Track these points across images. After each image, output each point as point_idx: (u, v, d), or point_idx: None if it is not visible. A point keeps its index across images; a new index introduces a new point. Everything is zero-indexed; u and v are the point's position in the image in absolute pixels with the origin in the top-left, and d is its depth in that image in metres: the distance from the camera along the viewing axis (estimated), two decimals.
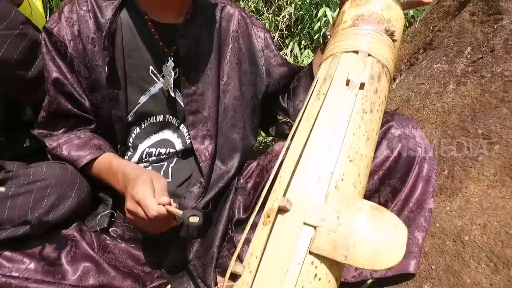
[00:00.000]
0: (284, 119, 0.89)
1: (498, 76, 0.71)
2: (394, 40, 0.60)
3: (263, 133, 1.45)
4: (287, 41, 1.90)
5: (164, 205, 0.60)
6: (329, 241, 0.41)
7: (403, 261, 0.60)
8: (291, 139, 0.51)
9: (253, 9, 1.93)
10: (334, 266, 0.43)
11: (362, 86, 0.52)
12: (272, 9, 1.96)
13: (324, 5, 1.77)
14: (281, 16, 1.92)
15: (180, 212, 0.60)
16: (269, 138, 1.54)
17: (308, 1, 1.85)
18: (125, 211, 0.65)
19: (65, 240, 0.71)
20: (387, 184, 0.63)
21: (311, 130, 0.50)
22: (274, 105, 0.92)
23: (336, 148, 0.48)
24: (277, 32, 1.89)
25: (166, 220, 0.62)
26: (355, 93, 0.51)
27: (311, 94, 0.55)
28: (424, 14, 1.11)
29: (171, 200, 0.62)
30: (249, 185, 0.80)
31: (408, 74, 0.93)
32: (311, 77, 0.85)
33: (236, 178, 0.84)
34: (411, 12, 1.63)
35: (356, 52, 0.56)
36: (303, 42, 1.81)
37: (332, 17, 1.65)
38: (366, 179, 0.49)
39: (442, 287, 0.71)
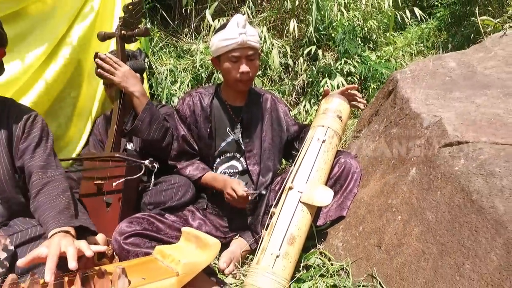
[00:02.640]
0: (295, 154, 1.65)
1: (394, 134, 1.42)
2: (341, 120, 1.36)
3: (284, 161, 2.19)
4: (301, 99, 2.69)
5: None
6: (307, 197, 1.15)
7: (342, 211, 1.32)
8: (294, 165, 1.27)
9: (277, 77, 2.74)
10: (309, 207, 1.16)
11: (324, 141, 1.27)
12: (290, 76, 2.77)
13: (326, 76, 2.57)
14: (296, 81, 2.72)
15: (251, 192, 1.35)
16: (287, 164, 2.29)
17: (315, 71, 2.66)
18: (225, 196, 1.39)
19: (189, 211, 1.47)
20: (337, 183, 1.35)
21: (302, 159, 1.25)
22: (291, 146, 1.66)
23: (312, 165, 1.23)
24: (294, 93, 2.69)
25: (245, 198, 1.36)
26: (320, 144, 1.27)
27: (303, 144, 1.31)
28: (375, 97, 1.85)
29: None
30: (276, 188, 1.54)
31: (366, 128, 1.67)
32: None
33: (270, 185, 1.58)
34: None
35: (323, 126, 1.32)
36: (312, 100, 2.60)
37: (332, 84, 2.44)
38: (326, 178, 1.24)
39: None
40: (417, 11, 3.01)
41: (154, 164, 1.38)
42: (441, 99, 1.32)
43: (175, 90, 2.33)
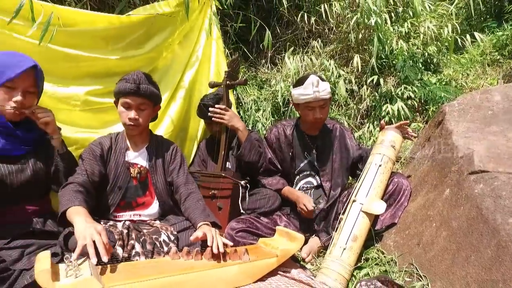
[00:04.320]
0: (359, 174, 2.08)
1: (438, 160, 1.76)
2: (395, 149, 1.76)
3: (350, 178, 2.61)
4: (365, 121, 3.07)
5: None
6: (367, 207, 1.58)
7: (394, 219, 1.71)
8: (357, 182, 1.71)
9: (343, 102, 3.16)
10: (368, 215, 1.59)
11: (380, 165, 1.69)
12: (355, 100, 3.17)
13: (387, 100, 2.92)
14: (361, 106, 3.11)
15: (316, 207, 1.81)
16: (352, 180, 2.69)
17: (378, 96, 3.02)
18: (297, 208, 1.87)
19: (277, 215, 1.97)
20: (391, 197, 1.74)
21: (363, 179, 1.69)
22: (355, 167, 2.09)
23: (371, 184, 1.65)
24: (359, 116, 3.08)
25: (311, 212, 1.83)
26: (377, 167, 1.69)
27: (365, 167, 1.74)
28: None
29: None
30: (344, 199, 1.97)
31: (420, 152, 2.04)
32: None
33: (339, 197, 2.03)
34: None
35: (379, 153, 1.74)
36: (375, 123, 2.96)
37: (392, 109, 2.79)
38: (382, 193, 1.66)
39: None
40: (477, 35, 3.20)
41: (247, 184, 1.93)
42: (479, 132, 1.65)
43: (259, 117, 2.88)
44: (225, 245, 1.44)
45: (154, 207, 1.71)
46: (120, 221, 1.62)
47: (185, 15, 2.31)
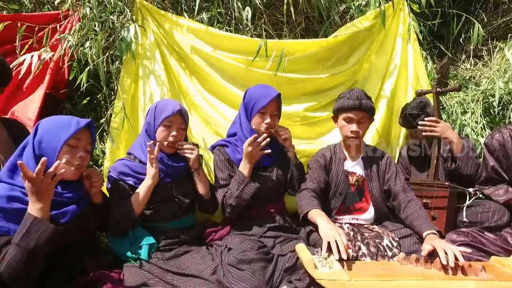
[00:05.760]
0: None
1: None
2: None
3: None
4: None
5: None
6: None
7: None
8: None
9: None
10: None
11: None
12: None
13: None
14: None
15: None
16: None
17: None
18: None
19: (507, 232, 1.77)
20: None
21: None
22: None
23: None
24: None
25: None
26: None
27: None
28: None
29: None
30: None
31: None
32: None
33: None
34: None
35: None
36: None
37: None
38: None
39: None
40: None
41: (476, 192, 1.80)
42: None
43: (465, 120, 2.63)
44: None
45: (370, 213, 1.84)
46: (340, 223, 1.82)
47: (382, 25, 2.38)
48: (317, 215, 1.53)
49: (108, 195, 1.60)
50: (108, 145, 2.08)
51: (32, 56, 1.86)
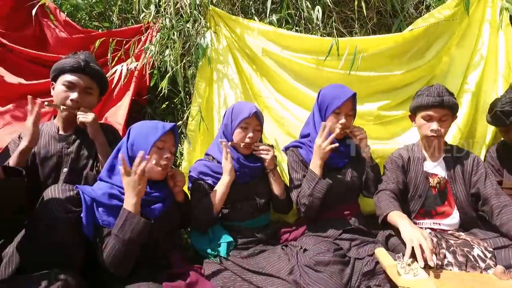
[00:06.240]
0: None
1: None
2: None
3: None
4: None
5: None
6: None
7: None
8: None
9: None
10: None
11: None
12: None
13: None
14: None
15: None
16: None
17: None
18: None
19: None
20: None
21: None
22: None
23: None
24: None
25: None
26: None
27: None
28: None
29: None
30: None
31: None
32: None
33: None
34: None
35: None
36: None
37: None
38: None
39: None
40: None
41: None
42: None
43: None
44: None
45: (455, 217, 1.71)
46: (420, 228, 1.72)
47: (465, 12, 2.18)
48: (398, 217, 1.47)
49: (189, 194, 1.71)
50: (185, 146, 2.21)
51: (122, 67, 2.05)
